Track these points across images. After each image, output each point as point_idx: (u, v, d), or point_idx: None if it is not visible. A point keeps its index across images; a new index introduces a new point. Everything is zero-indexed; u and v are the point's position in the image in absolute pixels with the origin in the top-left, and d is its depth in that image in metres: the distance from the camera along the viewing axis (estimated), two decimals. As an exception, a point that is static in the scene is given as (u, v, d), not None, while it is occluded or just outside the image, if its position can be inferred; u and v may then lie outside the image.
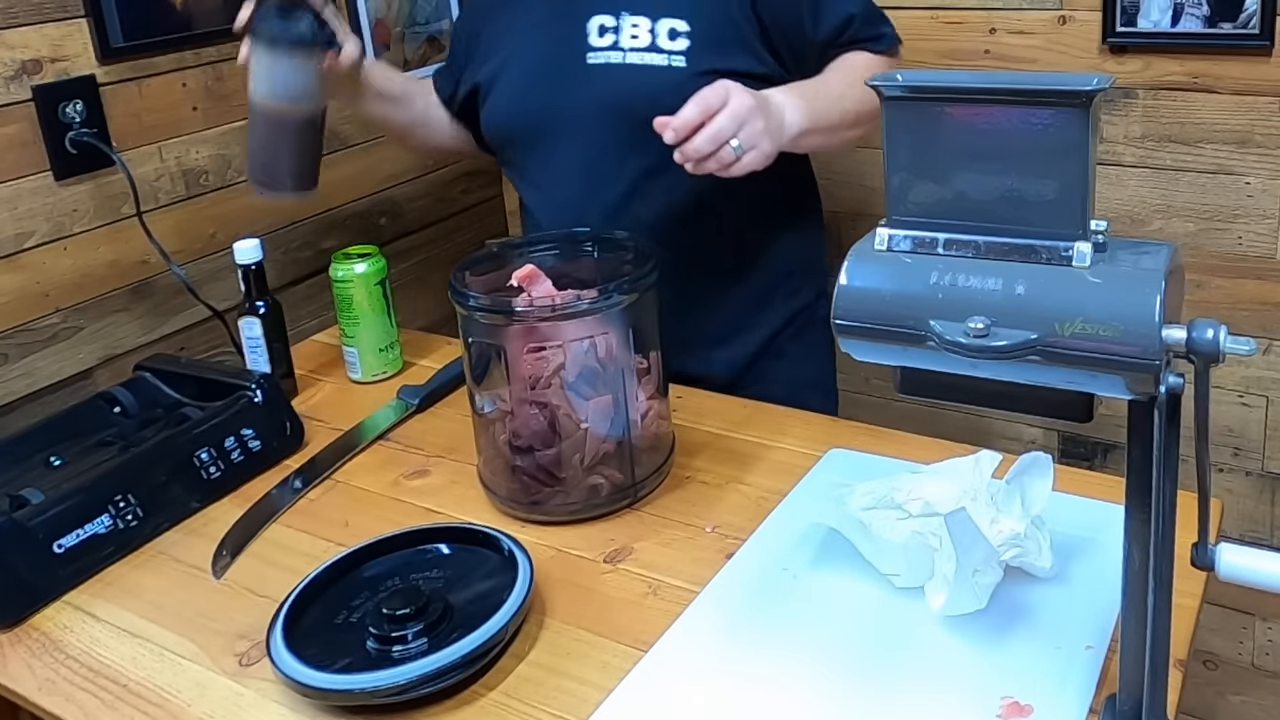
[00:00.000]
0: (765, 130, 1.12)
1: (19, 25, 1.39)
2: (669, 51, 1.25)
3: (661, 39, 1.26)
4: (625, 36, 1.27)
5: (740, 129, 1.10)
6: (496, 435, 1.11)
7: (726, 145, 1.09)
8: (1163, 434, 0.66)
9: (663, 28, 1.26)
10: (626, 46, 1.27)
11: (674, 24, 1.25)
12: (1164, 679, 0.73)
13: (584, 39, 1.29)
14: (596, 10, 1.29)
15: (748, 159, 1.11)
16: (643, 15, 1.27)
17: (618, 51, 1.27)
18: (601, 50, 1.28)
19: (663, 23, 1.26)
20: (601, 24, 1.29)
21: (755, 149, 1.12)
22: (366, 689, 0.85)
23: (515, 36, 1.37)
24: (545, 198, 1.38)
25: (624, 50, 1.27)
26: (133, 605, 1.02)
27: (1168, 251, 0.65)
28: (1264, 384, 1.62)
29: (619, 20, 1.28)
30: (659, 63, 1.25)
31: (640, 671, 0.88)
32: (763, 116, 1.12)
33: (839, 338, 0.72)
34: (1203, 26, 1.49)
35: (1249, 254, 1.57)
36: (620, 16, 1.28)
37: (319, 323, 1.77)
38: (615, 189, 1.31)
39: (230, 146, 1.66)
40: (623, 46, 1.27)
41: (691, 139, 1.10)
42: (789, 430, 1.23)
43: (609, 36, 1.28)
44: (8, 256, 1.40)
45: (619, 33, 1.28)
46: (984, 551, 0.87)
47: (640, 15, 1.27)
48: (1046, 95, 0.63)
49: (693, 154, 1.10)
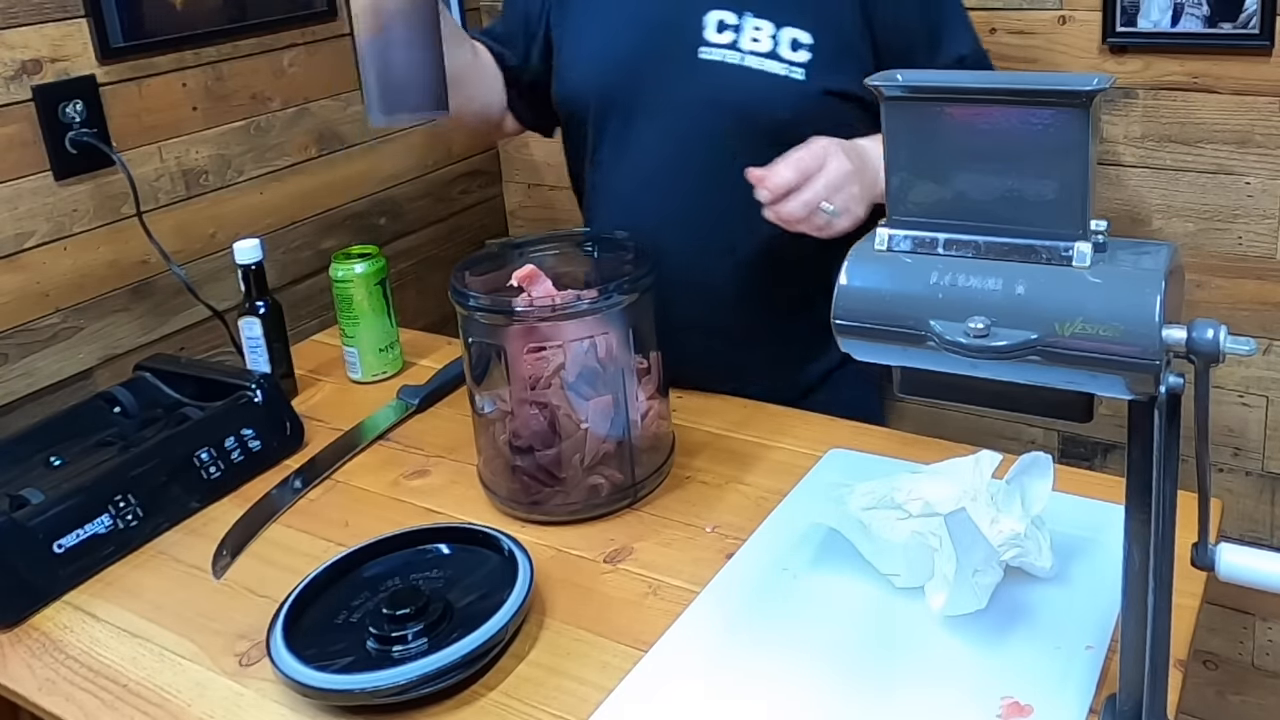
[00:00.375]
0: (860, 195, 1.11)
1: (19, 25, 1.39)
2: (789, 62, 1.21)
3: (783, 47, 1.21)
4: (745, 38, 1.22)
5: (835, 194, 1.08)
6: (496, 435, 1.11)
7: (820, 211, 1.08)
8: (1163, 434, 0.66)
9: (785, 36, 1.21)
10: (746, 48, 1.22)
11: (797, 34, 1.21)
12: (1164, 679, 0.73)
13: (699, 31, 1.23)
14: (717, 5, 1.24)
15: (840, 224, 1.10)
16: (767, 19, 1.22)
17: (735, 52, 1.22)
18: (717, 47, 1.23)
19: (786, 31, 1.22)
20: (721, 19, 1.23)
21: (848, 213, 1.10)
22: (366, 689, 0.85)
23: (616, 10, 1.31)
24: (613, 180, 1.33)
25: (742, 52, 1.22)
26: (133, 605, 1.02)
27: (1168, 251, 0.65)
28: (1264, 384, 1.62)
29: (741, 20, 1.23)
30: (778, 71, 1.21)
31: (640, 671, 0.88)
32: (858, 180, 1.11)
33: (839, 338, 0.72)
34: (1203, 26, 1.49)
35: (1249, 254, 1.57)
36: (743, 16, 1.23)
37: (319, 323, 1.77)
38: (697, 188, 1.26)
39: (230, 146, 1.66)
40: (741, 48, 1.22)
41: (785, 201, 1.08)
42: (789, 430, 1.23)
43: (728, 34, 1.23)
44: (8, 256, 1.40)
45: (739, 32, 1.22)
46: (984, 551, 0.87)
47: (764, 19, 1.22)
48: (1046, 95, 0.63)
49: (786, 217, 1.08)
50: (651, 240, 1.21)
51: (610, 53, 1.29)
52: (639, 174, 1.29)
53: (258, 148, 1.70)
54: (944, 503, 0.94)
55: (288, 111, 1.74)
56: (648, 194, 1.28)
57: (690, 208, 1.26)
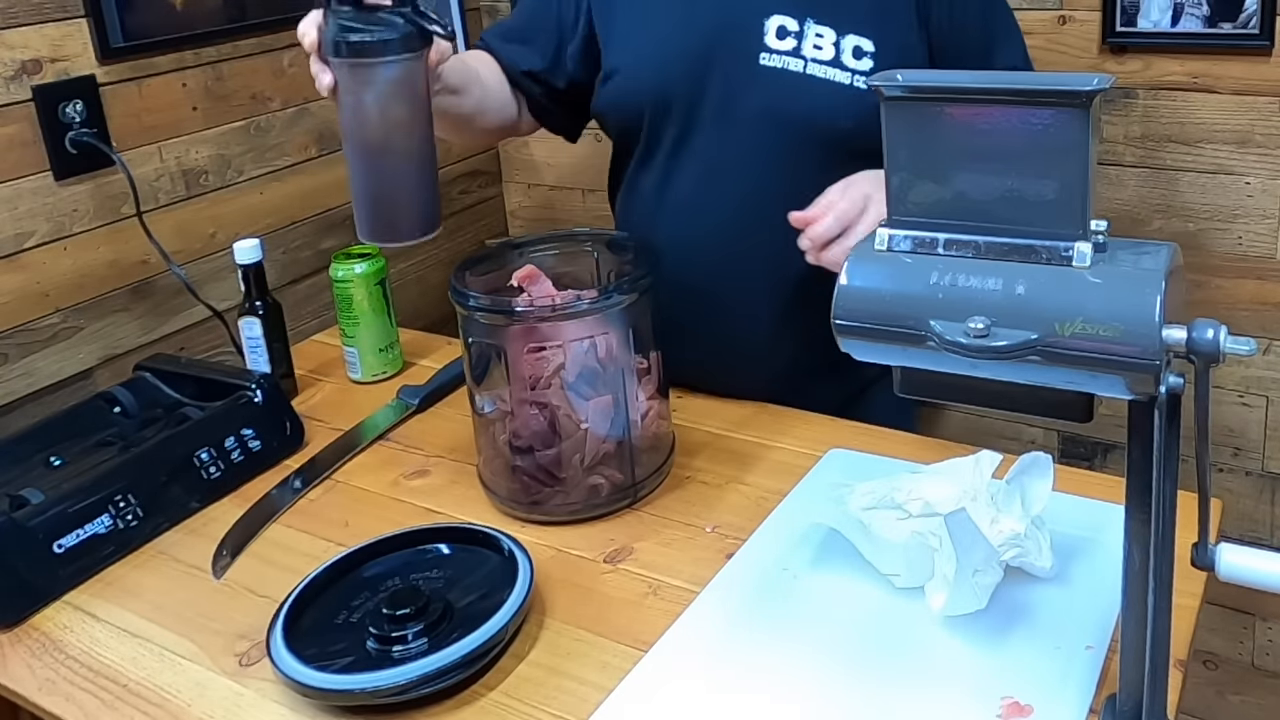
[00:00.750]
0: None
1: (19, 25, 1.39)
2: (853, 70, 1.19)
3: (846, 55, 1.20)
4: (808, 45, 1.20)
5: None
6: (496, 435, 1.11)
7: None
8: (1163, 434, 0.66)
9: (848, 44, 1.20)
10: (809, 55, 1.20)
11: (860, 42, 1.20)
12: (1164, 679, 0.73)
13: (760, 37, 1.21)
14: (777, 9, 1.21)
15: None
16: (829, 26, 1.20)
17: (798, 59, 1.20)
18: (779, 54, 1.21)
19: (849, 39, 1.20)
20: (782, 25, 1.21)
21: None
22: (366, 689, 0.85)
23: (668, 9, 1.27)
24: (665, 186, 1.29)
25: (805, 59, 1.20)
26: (133, 605, 1.02)
27: (1168, 251, 0.65)
28: (1264, 384, 1.62)
29: (803, 26, 1.21)
30: (841, 80, 1.19)
31: (640, 671, 0.88)
32: None
33: (839, 338, 0.72)
34: (1203, 26, 1.49)
35: (1249, 254, 1.57)
36: (805, 23, 1.21)
37: (319, 323, 1.77)
38: (753, 196, 1.24)
39: (230, 146, 1.66)
40: (804, 55, 1.20)
41: (828, 249, 1.08)
42: (789, 430, 1.23)
43: (789, 41, 1.21)
44: (8, 256, 1.40)
45: (801, 39, 1.20)
46: (984, 551, 0.87)
47: (826, 26, 1.20)
48: (1046, 95, 0.63)
49: (829, 263, 1.08)
50: (701, 248, 1.21)
51: (668, 56, 1.26)
52: (694, 181, 1.26)
53: (258, 148, 1.70)
54: (944, 503, 0.94)
55: (288, 111, 1.74)
56: (705, 200, 1.26)
57: (745, 216, 1.24)
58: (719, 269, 1.25)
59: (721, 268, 1.25)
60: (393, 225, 1.06)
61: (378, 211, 1.05)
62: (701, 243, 1.23)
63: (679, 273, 1.21)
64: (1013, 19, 1.30)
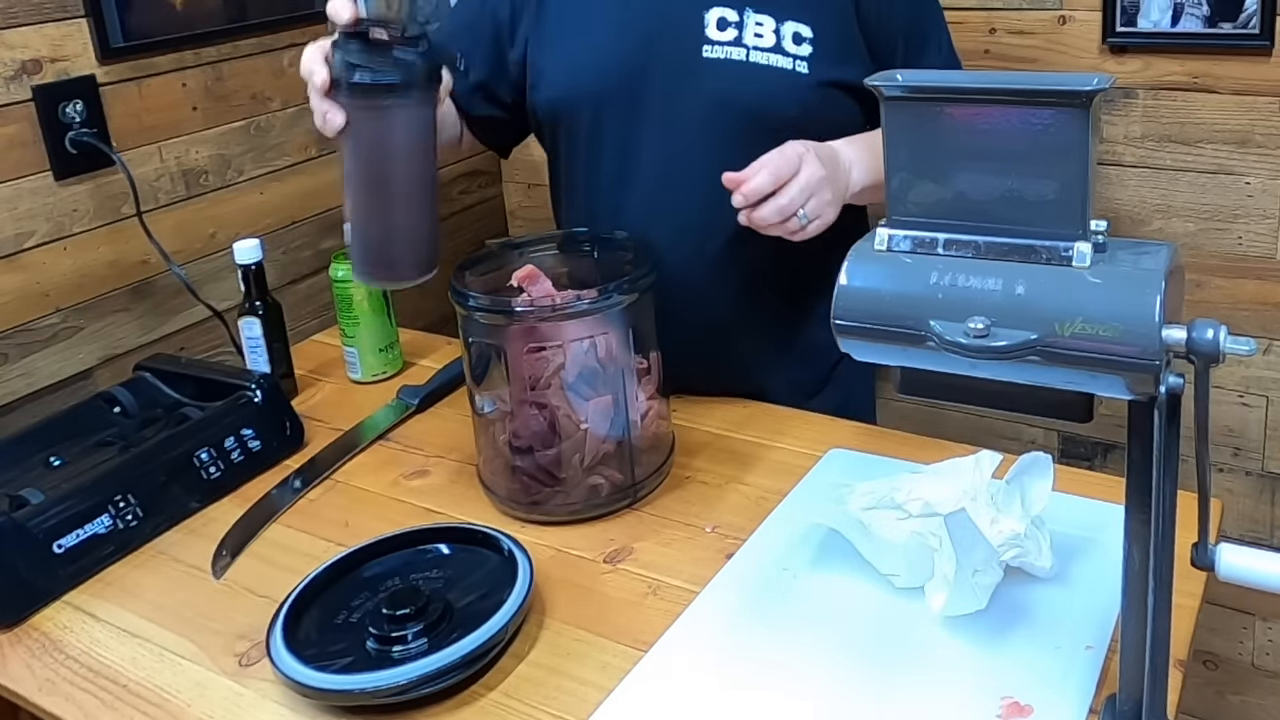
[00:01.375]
0: (832, 200, 1.12)
1: (19, 25, 1.39)
2: (794, 55, 1.21)
3: (787, 41, 1.21)
4: (749, 34, 1.21)
5: (809, 200, 1.09)
6: (496, 435, 1.11)
7: (794, 216, 1.09)
8: (1163, 434, 0.66)
9: (788, 30, 1.21)
10: (750, 44, 1.21)
11: (798, 28, 1.21)
12: (1164, 679, 0.73)
13: (700, 30, 1.22)
14: (716, 2, 1.22)
15: (812, 228, 1.11)
16: (767, 14, 1.21)
17: (739, 48, 1.21)
18: (721, 45, 1.21)
19: (788, 25, 1.21)
20: (722, 16, 1.22)
21: (820, 219, 1.11)
22: (366, 689, 0.85)
23: (604, 8, 1.27)
24: (613, 185, 1.28)
25: (747, 48, 1.21)
26: (133, 605, 1.02)
27: (1168, 251, 0.65)
28: (1264, 384, 1.62)
29: (742, 16, 1.22)
30: (784, 65, 1.21)
31: (640, 671, 0.88)
32: (830, 186, 1.12)
33: (839, 338, 0.72)
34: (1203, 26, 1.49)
35: (1249, 254, 1.57)
36: (744, 12, 1.22)
37: (319, 323, 1.77)
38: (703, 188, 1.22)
39: (230, 146, 1.66)
40: (745, 44, 1.21)
41: (759, 207, 1.08)
42: (789, 430, 1.23)
43: (730, 31, 1.22)
44: (8, 256, 1.40)
45: (742, 29, 1.21)
46: (984, 552, 0.87)
47: (765, 14, 1.21)
48: (1046, 95, 0.63)
49: (759, 222, 1.09)
50: (667, 247, 1.20)
51: (604, 56, 1.26)
52: (652, 181, 1.26)
53: (258, 148, 1.70)
54: (944, 503, 0.94)
55: (288, 111, 1.74)
56: (665, 200, 1.25)
57: (697, 208, 1.24)
58: (686, 265, 1.24)
59: (688, 263, 1.24)
60: (392, 266, 1.03)
61: (378, 252, 1.03)
62: (667, 242, 1.22)
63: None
64: (942, 19, 1.31)
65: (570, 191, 1.35)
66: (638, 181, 1.27)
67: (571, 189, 1.35)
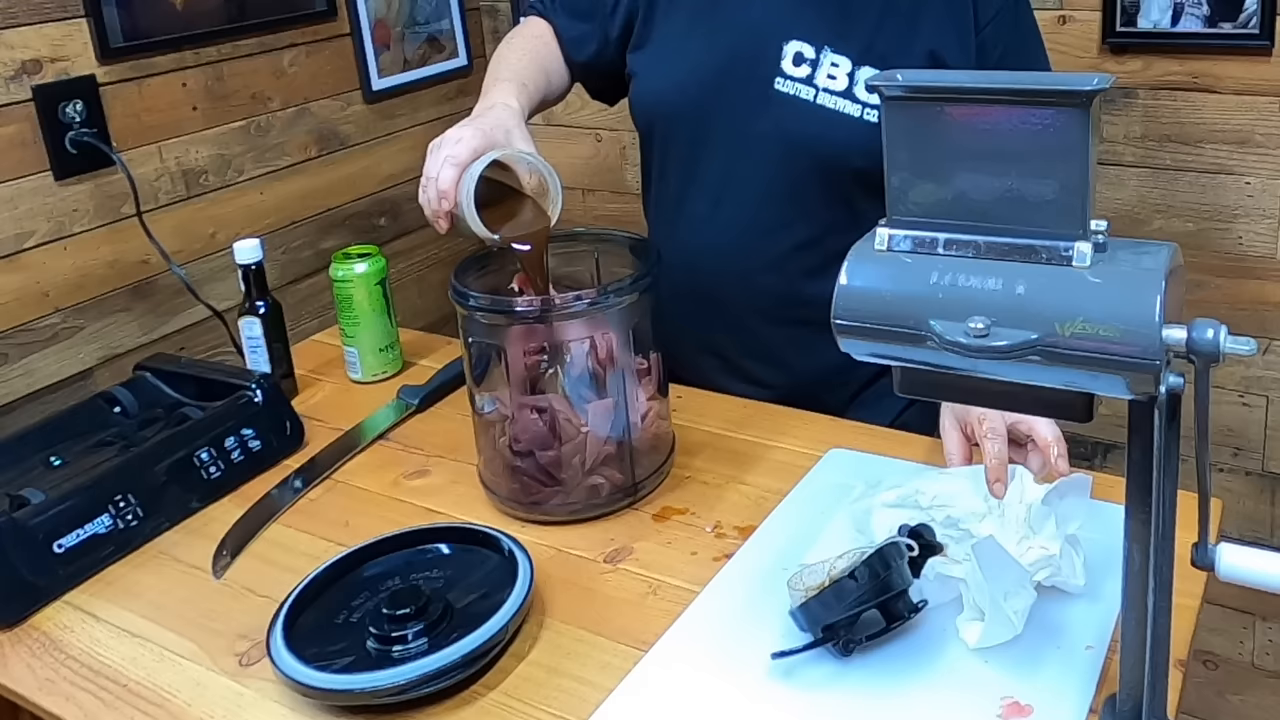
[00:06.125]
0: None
1: (19, 25, 1.39)
2: (864, 103, 1.19)
3: (858, 87, 1.19)
4: (822, 74, 1.20)
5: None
6: (496, 435, 1.11)
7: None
8: (1163, 434, 0.66)
9: (862, 75, 1.19)
10: (821, 85, 1.20)
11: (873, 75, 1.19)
12: (1164, 679, 0.73)
13: (776, 62, 1.21)
14: (797, 35, 1.21)
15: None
16: (844, 56, 1.20)
17: (809, 87, 1.20)
18: (793, 80, 1.21)
19: (864, 70, 1.19)
20: (799, 51, 1.21)
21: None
22: (366, 689, 0.85)
23: (696, 22, 1.27)
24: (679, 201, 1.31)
25: (816, 88, 1.20)
26: (133, 605, 1.02)
27: (1168, 251, 0.65)
28: (1264, 384, 1.62)
29: (819, 54, 1.20)
30: (850, 111, 1.19)
31: (640, 671, 0.88)
32: None
33: (839, 338, 0.72)
34: (1203, 26, 1.49)
35: (1249, 254, 1.57)
36: (822, 50, 1.20)
37: (319, 323, 1.77)
38: (761, 221, 1.25)
39: (230, 146, 1.66)
40: (817, 84, 1.20)
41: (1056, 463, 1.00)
42: (789, 430, 1.23)
43: (804, 68, 1.21)
44: (8, 256, 1.40)
45: (816, 67, 1.20)
46: (1015, 574, 0.86)
47: (842, 55, 1.20)
48: (1046, 95, 0.63)
49: (1065, 469, 1.00)
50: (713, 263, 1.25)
51: (684, 75, 1.27)
52: (708, 199, 1.28)
53: (258, 148, 1.70)
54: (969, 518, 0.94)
55: (288, 111, 1.74)
56: (715, 218, 1.27)
57: (749, 237, 1.26)
58: (727, 282, 1.28)
59: (729, 281, 1.28)
60: None
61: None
62: (711, 258, 1.26)
63: (692, 280, 1.26)
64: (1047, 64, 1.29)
65: (648, 192, 1.40)
66: (697, 197, 1.29)
67: (650, 190, 1.39)
